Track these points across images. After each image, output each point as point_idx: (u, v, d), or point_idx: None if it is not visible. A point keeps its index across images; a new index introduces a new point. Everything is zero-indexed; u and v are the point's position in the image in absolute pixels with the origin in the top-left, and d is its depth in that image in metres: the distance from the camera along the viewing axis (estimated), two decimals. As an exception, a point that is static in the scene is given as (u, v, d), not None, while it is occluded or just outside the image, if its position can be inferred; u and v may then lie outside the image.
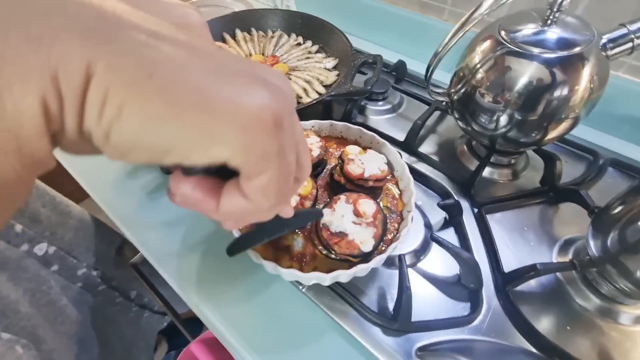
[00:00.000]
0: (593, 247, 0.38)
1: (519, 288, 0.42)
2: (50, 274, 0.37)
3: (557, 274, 0.43)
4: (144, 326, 0.72)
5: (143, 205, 0.52)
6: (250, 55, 0.66)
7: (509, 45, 0.41)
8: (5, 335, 0.30)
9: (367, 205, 0.36)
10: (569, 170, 0.54)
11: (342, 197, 0.37)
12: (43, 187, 0.42)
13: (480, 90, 0.45)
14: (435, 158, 0.56)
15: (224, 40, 0.69)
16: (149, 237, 0.49)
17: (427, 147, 0.59)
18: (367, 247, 0.35)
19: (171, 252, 0.47)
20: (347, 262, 0.36)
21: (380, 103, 0.66)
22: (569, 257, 0.44)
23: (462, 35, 0.44)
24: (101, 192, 0.54)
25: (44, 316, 0.33)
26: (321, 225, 0.36)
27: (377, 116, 0.65)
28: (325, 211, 0.37)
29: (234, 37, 0.69)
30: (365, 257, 0.35)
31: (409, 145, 0.56)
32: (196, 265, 0.45)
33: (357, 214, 0.36)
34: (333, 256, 0.36)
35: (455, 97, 0.49)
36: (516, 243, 0.46)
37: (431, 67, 0.48)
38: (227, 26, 0.70)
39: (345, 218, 0.35)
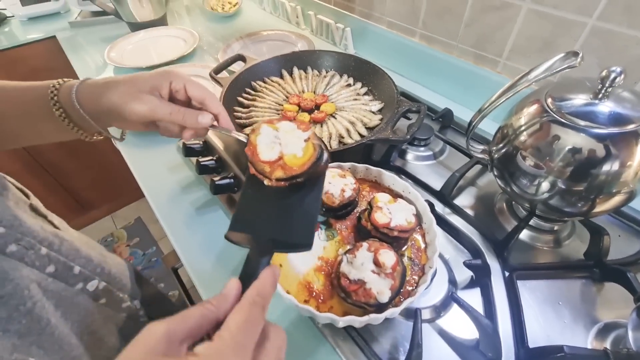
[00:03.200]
0: (632, 339, 0.35)
1: (544, 368, 0.39)
2: (98, 306, 0.42)
3: (592, 361, 0.39)
4: None
5: (190, 217, 0.59)
6: (303, 92, 0.71)
7: (553, 114, 0.41)
8: None
9: (387, 256, 0.37)
10: (623, 246, 0.50)
11: (365, 244, 0.39)
12: (86, 239, 0.47)
13: (522, 153, 0.45)
14: (470, 212, 0.56)
15: (281, 77, 0.76)
16: (190, 246, 0.54)
17: (464, 200, 0.58)
18: (383, 297, 0.36)
19: (206, 264, 0.51)
20: (361, 309, 0.37)
21: (422, 149, 0.67)
22: (606, 344, 0.40)
23: (508, 98, 0.44)
24: (157, 200, 0.62)
25: (85, 345, 0.38)
26: (340, 272, 0.38)
27: (417, 161, 0.66)
28: (347, 257, 0.39)
29: (291, 74, 0.76)
30: (380, 307, 0.36)
31: (444, 196, 0.56)
32: (225, 280, 0.49)
33: (376, 263, 0.37)
34: (349, 301, 0.38)
35: (496, 155, 0.49)
36: (547, 317, 0.43)
37: (473, 124, 0.48)
38: (287, 64, 0.77)
39: (364, 266, 0.37)
